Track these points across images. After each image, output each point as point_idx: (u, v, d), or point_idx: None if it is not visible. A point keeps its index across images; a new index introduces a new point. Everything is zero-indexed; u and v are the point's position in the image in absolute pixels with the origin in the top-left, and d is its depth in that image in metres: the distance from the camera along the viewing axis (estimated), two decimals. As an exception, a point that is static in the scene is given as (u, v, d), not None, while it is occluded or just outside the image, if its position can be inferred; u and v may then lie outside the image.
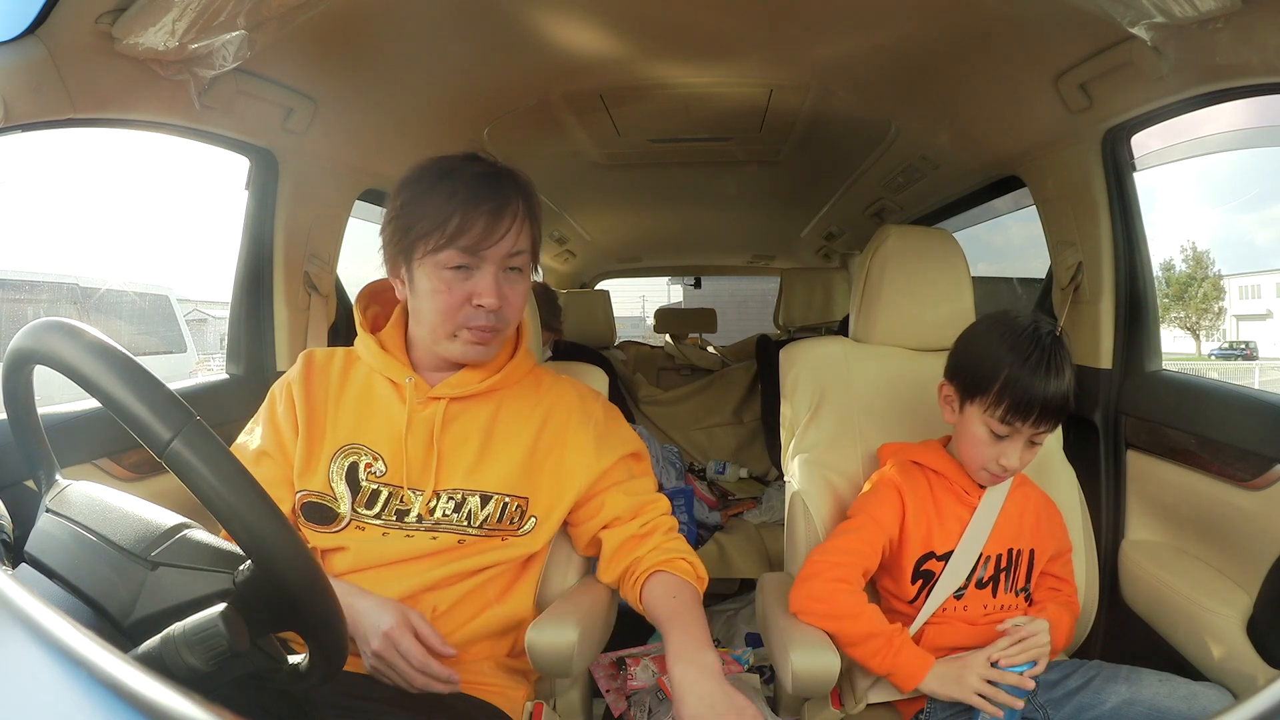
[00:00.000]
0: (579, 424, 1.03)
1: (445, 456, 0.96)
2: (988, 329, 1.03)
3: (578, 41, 1.31)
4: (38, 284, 4.26)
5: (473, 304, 0.91)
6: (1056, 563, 1.10)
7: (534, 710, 0.98)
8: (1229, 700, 0.93)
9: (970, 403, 1.01)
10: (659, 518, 1.03)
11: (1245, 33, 0.85)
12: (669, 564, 0.98)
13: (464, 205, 0.89)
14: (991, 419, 0.98)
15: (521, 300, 0.97)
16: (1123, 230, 1.30)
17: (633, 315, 11.46)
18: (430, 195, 0.90)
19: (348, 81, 1.29)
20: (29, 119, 0.83)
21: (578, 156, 1.95)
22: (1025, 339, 0.97)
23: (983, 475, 1.03)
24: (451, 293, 0.91)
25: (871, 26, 1.23)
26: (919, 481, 1.07)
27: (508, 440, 0.99)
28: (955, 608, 1.03)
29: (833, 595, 1.00)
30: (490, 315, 0.92)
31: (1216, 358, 18.84)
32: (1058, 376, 0.95)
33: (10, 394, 0.64)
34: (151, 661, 0.52)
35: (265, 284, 1.41)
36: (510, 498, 0.96)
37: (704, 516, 2.25)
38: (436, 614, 0.92)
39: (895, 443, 1.15)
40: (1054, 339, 0.98)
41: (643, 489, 1.04)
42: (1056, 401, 0.95)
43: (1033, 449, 1.00)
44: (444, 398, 0.97)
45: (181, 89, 0.99)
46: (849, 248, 2.94)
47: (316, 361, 1.02)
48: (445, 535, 0.93)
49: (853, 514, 1.08)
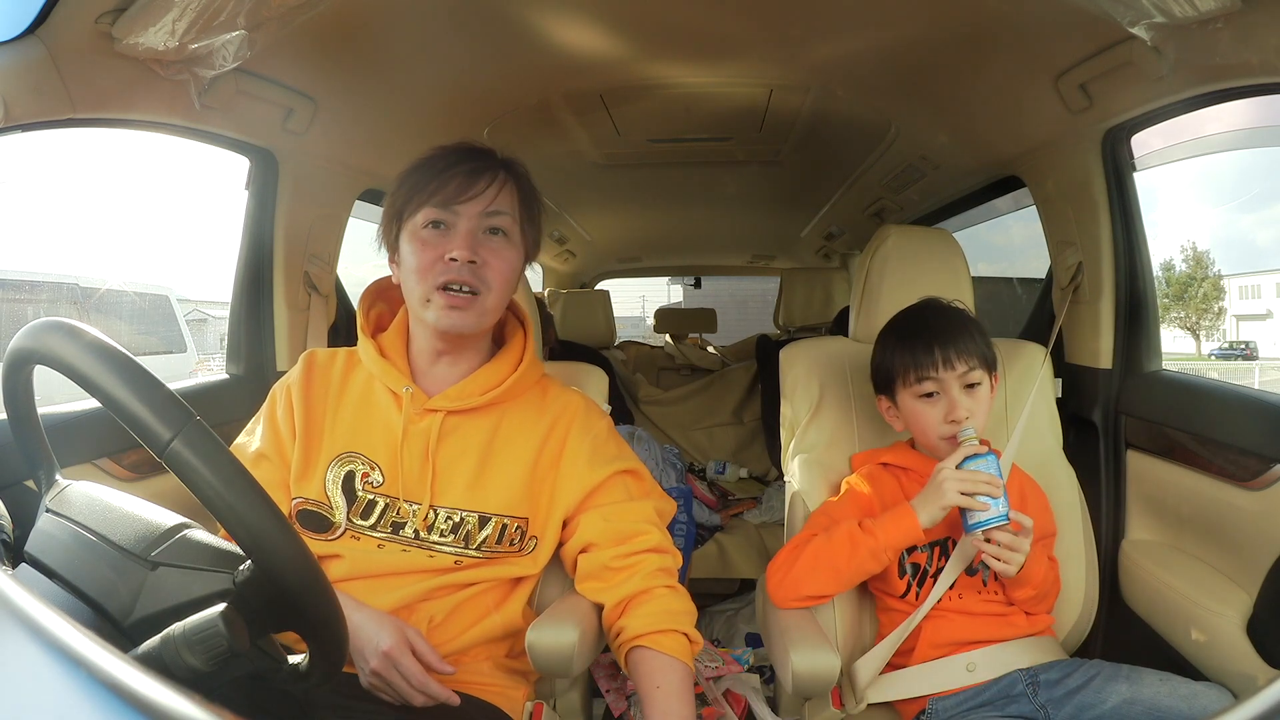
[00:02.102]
0: (578, 435, 0.99)
1: (441, 472, 0.93)
2: (880, 335, 1.15)
3: (578, 41, 1.30)
4: (38, 284, 4.26)
5: (446, 258, 0.89)
6: (1041, 545, 1.11)
7: (534, 710, 0.97)
8: (1229, 700, 0.93)
9: (898, 395, 1.10)
10: (645, 554, 0.94)
11: (1245, 33, 0.85)
12: (657, 639, 0.89)
13: (443, 170, 0.91)
14: (914, 390, 1.06)
15: (504, 265, 0.92)
16: (1123, 230, 1.31)
17: (633, 315, 11.46)
18: (416, 171, 0.93)
19: (348, 81, 1.29)
20: (29, 119, 0.83)
21: (578, 156, 1.95)
22: (903, 319, 1.12)
23: (944, 447, 1.05)
24: (426, 250, 0.90)
25: (871, 26, 1.23)
26: (887, 482, 1.11)
27: (508, 457, 0.96)
28: (951, 598, 1.05)
29: (791, 566, 1.05)
30: (463, 269, 0.88)
31: (1216, 358, 18.84)
32: (943, 326, 1.06)
33: (10, 394, 0.64)
34: (151, 661, 0.52)
35: (265, 284, 1.41)
36: (510, 519, 0.94)
37: (704, 517, 2.25)
38: (433, 624, 0.91)
39: (864, 452, 1.20)
40: (932, 307, 1.11)
41: (632, 514, 0.97)
42: (948, 347, 1.04)
43: (975, 392, 1.05)
44: (441, 410, 0.94)
45: (181, 89, 0.99)
46: (849, 248, 2.94)
47: (318, 363, 1.00)
48: (442, 555, 0.92)
49: (811, 518, 1.13)
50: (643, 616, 0.91)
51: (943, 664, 1.03)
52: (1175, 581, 1.14)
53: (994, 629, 1.04)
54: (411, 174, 0.93)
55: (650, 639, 0.89)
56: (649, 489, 1.02)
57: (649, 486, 1.02)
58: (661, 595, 0.93)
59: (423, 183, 0.91)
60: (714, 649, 1.72)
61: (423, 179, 0.91)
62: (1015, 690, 0.98)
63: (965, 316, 1.10)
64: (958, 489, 0.97)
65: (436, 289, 0.89)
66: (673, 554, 0.98)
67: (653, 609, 0.92)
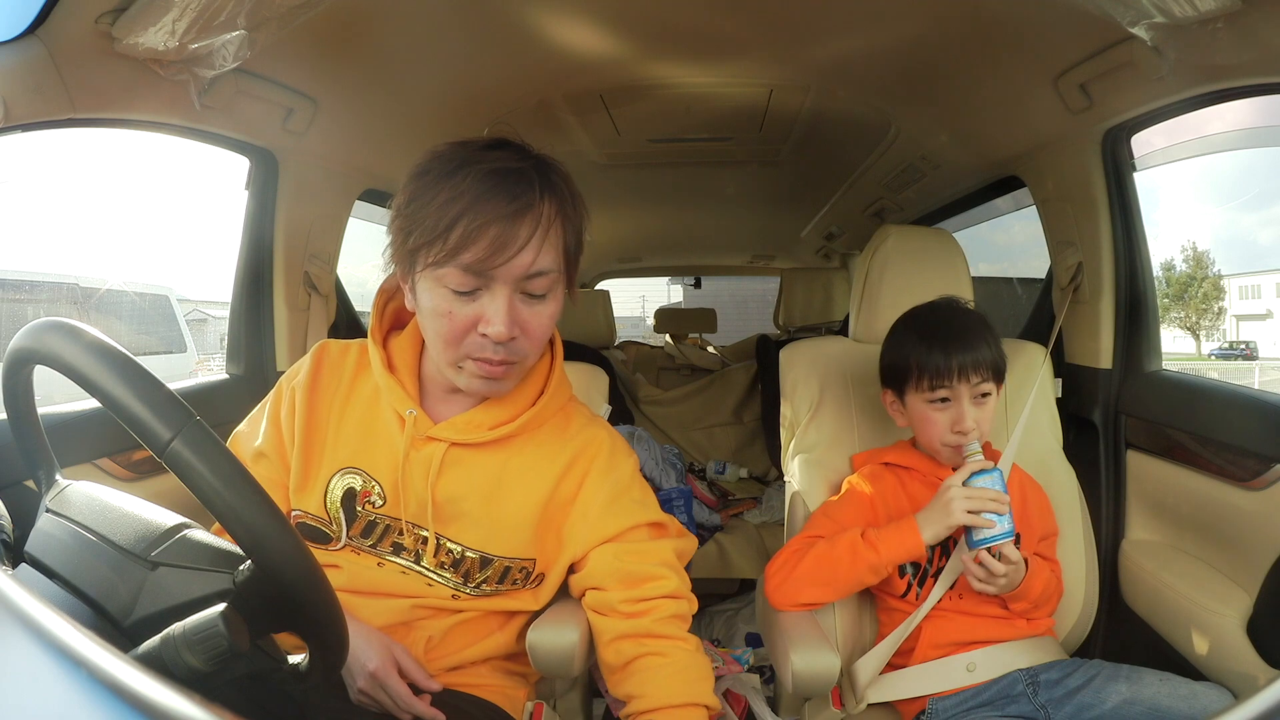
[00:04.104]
0: (598, 477, 0.90)
1: (445, 506, 0.86)
2: (893, 329, 1.13)
3: (578, 41, 1.31)
4: (38, 284, 4.26)
5: (479, 332, 0.76)
6: (1043, 545, 1.12)
7: (534, 710, 0.97)
8: (1229, 700, 0.93)
9: (906, 395, 1.08)
10: (658, 600, 0.86)
11: (1245, 33, 0.85)
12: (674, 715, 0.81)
13: (470, 210, 0.72)
14: (925, 394, 1.05)
15: (544, 329, 0.80)
16: (1123, 230, 1.31)
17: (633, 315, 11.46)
18: (433, 194, 0.74)
19: (348, 81, 1.29)
20: (29, 119, 0.83)
21: (578, 156, 1.95)
22: (922, 318, 1.09)
23: (946, 453, 1.06)
24: (454, 318, 0.76)
25: (871, 26, 1.23)
26: (889, 481, 1.11)
27: (517, 498, 0.87)
28: (951, 598, 1.05)
29: (791, 571, 1.04)
30: (500, 348, 0.77)
31: (1216, 358, 18.84)
32: (959, 336, 1.04)
33: (10, 394, 0.64)
34: (151, 661, 0.52)
35: (265, 284, 1.41)
36: (515, 561, 0.88)
37: (704, 517, 2.25)
38: (431, 644, 0.87)
39: (864, 452, 1.20)
40: (952, 308, 1.10)
41: (647, 556, 0.89)
42: (968, 357, 1.03)
43: (985, 402, 1.05)
44: (444, 441, 0.85)
45: (181, 89, 0.99)
46: (849, 248, 2.94)
47: (330, 358, 0.91)
48: (440, 587, 0.88)
49: (812, 518, 1.12)
50: (655, 687, 0.82)
51: (943, 664, 1.03)
52: (1175, 581, 1.14)
53: (994, 629, 1.04)
54: (431, 196, 0.74)
55: (665, 714, 0.81)
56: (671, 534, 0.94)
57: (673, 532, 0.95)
58: (676, 659, 0.85)
59: (443, 226, 0.73)
60: (714, 649, 1.72)
61: (443, 219, 0.73)
62: (1015, 690, 0.98)
63: (984, 324, 1.07)
64: (965, 508, 0.97)
65: (468, 358, 0.79)
66: (689, 600, 0.90)
67: (666, 679, 0.83)
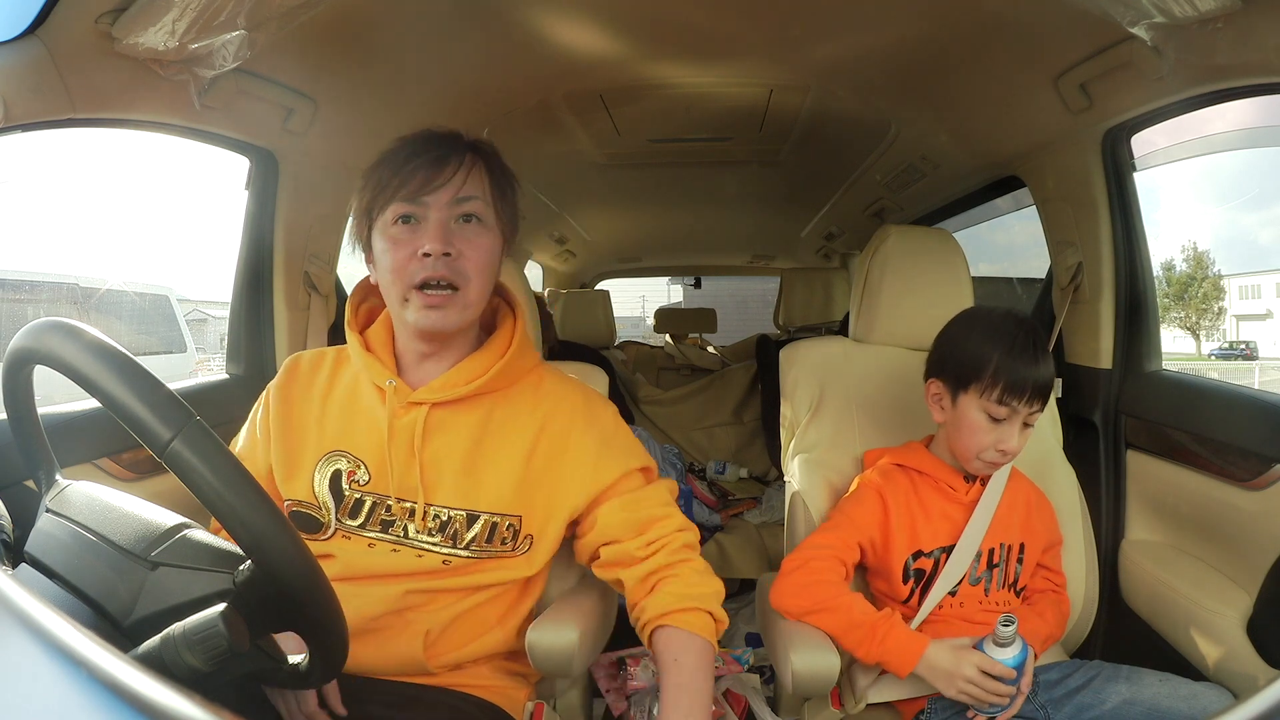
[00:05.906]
0: (582, 430, 0.95)
1: (429, 468, 0.90)
2: (969, 322, 1.08)
3: (578, 42, 1.31)
4: (38, 284, 4.26)
5: (419, 254, 0.85)
6: (1047, 554, 1.11)
7: (534, 710, 0.97)
8: (1229, 700, 0.93)
9: (964, 392, 1.03)
10: (671, 534, 0.93)
11: (1245, 33, 0.85)
12: (679, 617, 0.88)
13: (407, 161, 0.87)
14: (989, 403, 1.00)
15: (481, 253, 0.89)
16: (1123, 230, 1.31)
17: (633, 315, 11.45)
18: (379, 164, 0.90)
19: (348, 81, 1.29)
20: (29, 119, 0.83)
21: (578, 156, 1.95)
22: (1007, 326, 1.04)
23: (978, 465, 1.04)
24: (398, 245, 0.86)
25: (871, 26, 1.23)
26: (901, 483, 1.09)
27: (499, 451, 0.92)
28: (951, 604, 1.04)
29: (808, 589, 1.01)
30: (439, 264, 0.85)
31: (1216, 358, 18.82)
32: (1043, 357, 1.01)
33: (10, 394, 0.64)
34: (151, 661, 0.52)
35: (265, 284, 1.41)
36: (500, 517, 0.90)
37: (704, 517, 2.25)
38: (430, 639, 0.88)
39: (878, 448, 1.17)
40: (1030, 325, 1.05)
41: (649, 501, 0.95)
42: (1044, 380, 1.00)
43: (1027, 431, 1.02)
44: (425, 403, 0.90)
45: (181, 89, 0.99)
46: (849, 248, 2.95)
47: (301, 367, 0.98)
48: (430, 555, 0.89)
49: (830, 515, 1.10)
50: (665, 597, 0.89)
51: (943, 664, 1.02)
52: (1175, 581, 1.14)
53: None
54: (376, 168, 0.90)
55: (671, 618, 0.88)
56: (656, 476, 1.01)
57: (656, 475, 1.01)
58: (686, 576, 0.91)
59: (388, 176, 0.87)
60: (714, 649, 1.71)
61: (388, 172, 0.88)
62: (1015, 690, 0.98)
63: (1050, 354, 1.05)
64: (967, 692, 0.93)
65: (413, 288, 0.86)
66: (691, 529, 0.97)
67: (675, 590, 0.90)
